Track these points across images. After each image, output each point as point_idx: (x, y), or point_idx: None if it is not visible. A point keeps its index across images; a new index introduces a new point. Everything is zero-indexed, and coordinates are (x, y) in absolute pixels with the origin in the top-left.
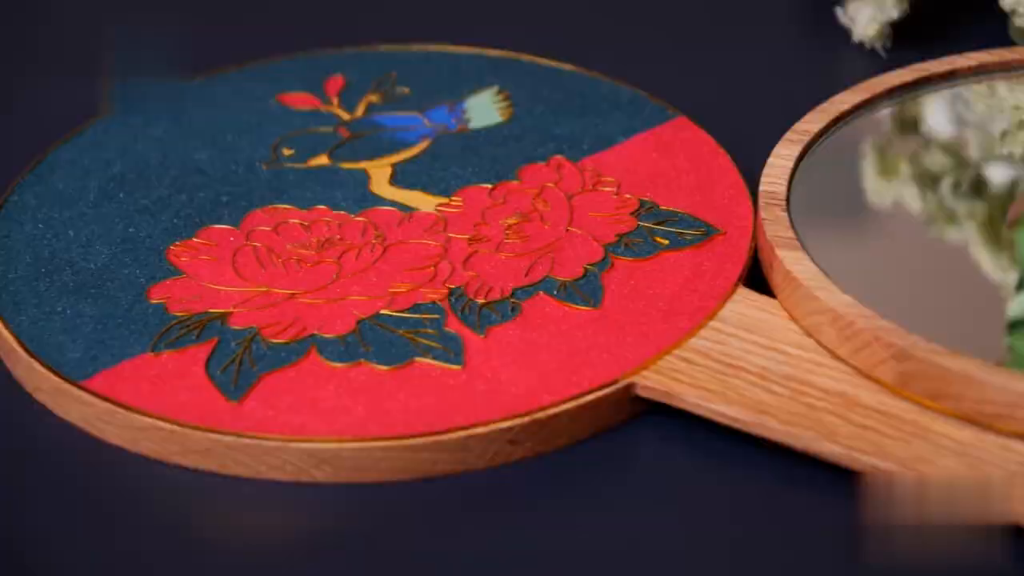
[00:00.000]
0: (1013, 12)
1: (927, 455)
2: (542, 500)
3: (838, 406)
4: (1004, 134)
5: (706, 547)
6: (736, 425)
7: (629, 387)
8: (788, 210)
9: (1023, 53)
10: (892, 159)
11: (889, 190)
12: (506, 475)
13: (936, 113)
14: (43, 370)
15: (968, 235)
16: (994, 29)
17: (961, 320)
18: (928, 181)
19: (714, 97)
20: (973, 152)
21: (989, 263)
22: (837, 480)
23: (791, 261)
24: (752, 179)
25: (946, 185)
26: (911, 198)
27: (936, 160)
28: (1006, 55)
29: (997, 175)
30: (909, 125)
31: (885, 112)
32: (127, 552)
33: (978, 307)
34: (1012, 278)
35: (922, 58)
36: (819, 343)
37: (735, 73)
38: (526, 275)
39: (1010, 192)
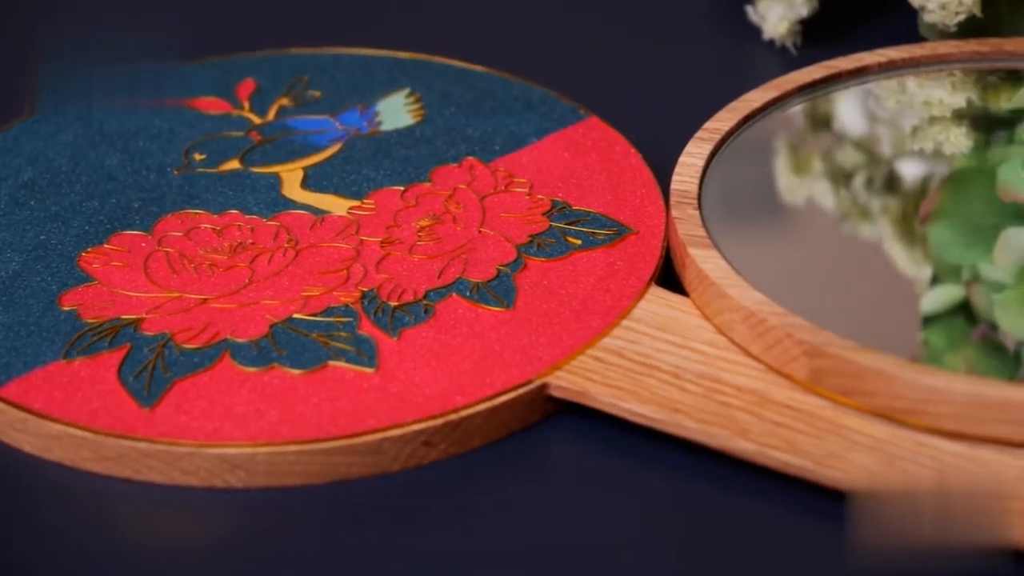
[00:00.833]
0: (922, 8)
1: (840, 451)
2: (457, 501)
3: (751, 403)
4: (915, 130)
5: (620, 546)
6: (649, 424)
7: (542, 387)
8: (700, 208)
9: (932, 49)
10: (804, 156)
11: (801, 187)
12: (421, 477)
13: (847, 110)
14: None
15: (881, 231)
16: (904, 25)
17: (876, 316)
18: (840, 178)
19: (626, 97)
20: (885, 148)
21: (903, 259)
22: (751, 478)
23: (703, 259)
24: (664, 178)
25: (859, 181)
26: (824, 195)
27: (848, 157)
28: (915, 51)
29: (909, 171)
30: (821, 122)
31: (796, 109)
32: (41, 559)
33: (893, 303)
34: (926, 273)
35: (832, 55)
36: (732, 341)
37: (647, 72)
38: (439, 277)
39: (922, 187)
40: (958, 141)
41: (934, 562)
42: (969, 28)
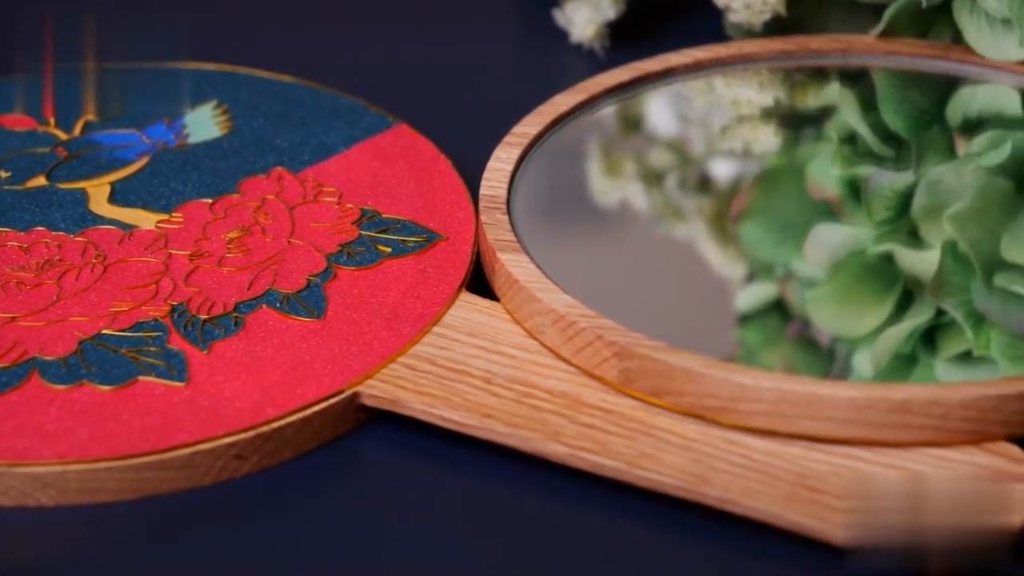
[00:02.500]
0: (727, 8)
1: (652, 452)
2: (270, 513)
3: (563, 406)
4: (724, 129)
5: (436, 552)
6: (462, 430)
7: (354, 396)
8: (509, 213)
9: (738, 48)
10: (615, 158)
11: (614, 189)
12: (234, 490)
13: (657, 111)
14: None
15: (695, 231)
16: (710, 25)
17: (692, 316)
18: (652, 179)
19: (435, 103)
20: (695, 148)
21: (717, 258)
22: (564, 480)
23: (512, 264)
24: (474, 184)
25: (670, 182)
26: (636, 197)
27: (659, 158)
28: (721, 51)
29: (720, 170)
30: (631, 124)
31: (606, 112)
32: None
33: (708, 302)
34: (740, 272)
35: (640, 57)
36: (543, 344)
37: (455, 78)
38: (248, 289)
39: (733, 186)
40: (767, 139)
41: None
42: (775, 27)
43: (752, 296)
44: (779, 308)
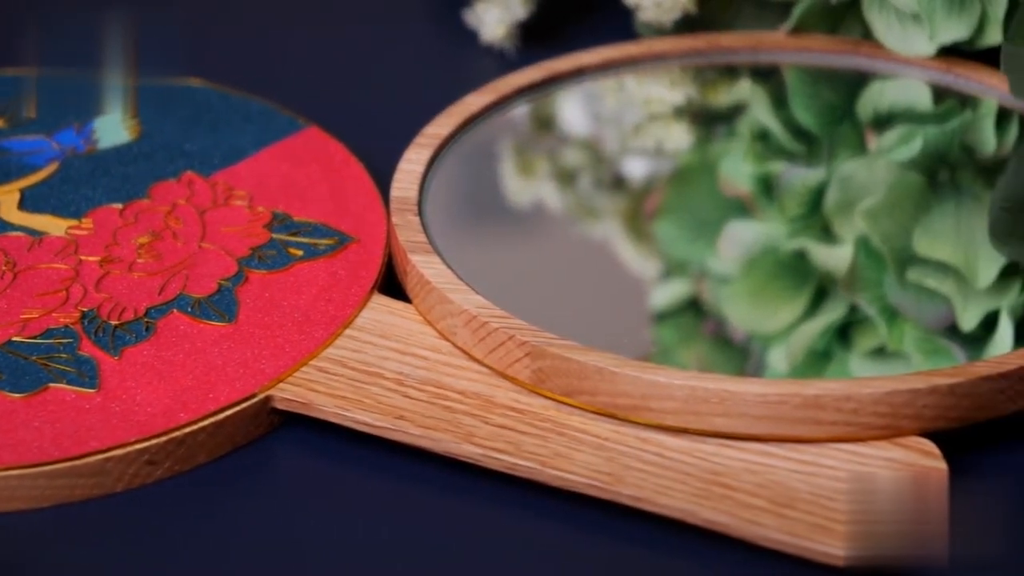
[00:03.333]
0: (637, 7)
1: (565, 451)
2: (184, 519)
3: (476, 407)
4: (636, 128)
5: (351, 552)
6: (375, 432)
7: (267, 400)
8: (421, 214)
9: (649, 47)
10: (528, 158)
11: (526, 189)
12: (147, 496)
13: (569, 110)
14: None
15: (609, 230)
16: (621, 24)
17: (607, 315)
18: (565, 178)
19: (346, 105)
20: (608, 147)
21: (632, 256)
22: (478, 481)
23: (423, 265)
24: (385, 186)
25: (584, 181)
26: (549, 196)
27: (572, 157)
28: (631, 49)
29: (633, 169)
30: (543, 123)
31: (517, 112)
32: None
33: (624, 301)
34: (655, 270)
35: (551, 56)
36: (455, 346)
37: (366, 79)
38: (159, 294)
39: (647, 185)
40: (679, 137)
41: None
42: (685, 25)
43: (667, 294)
44: (694, 306)
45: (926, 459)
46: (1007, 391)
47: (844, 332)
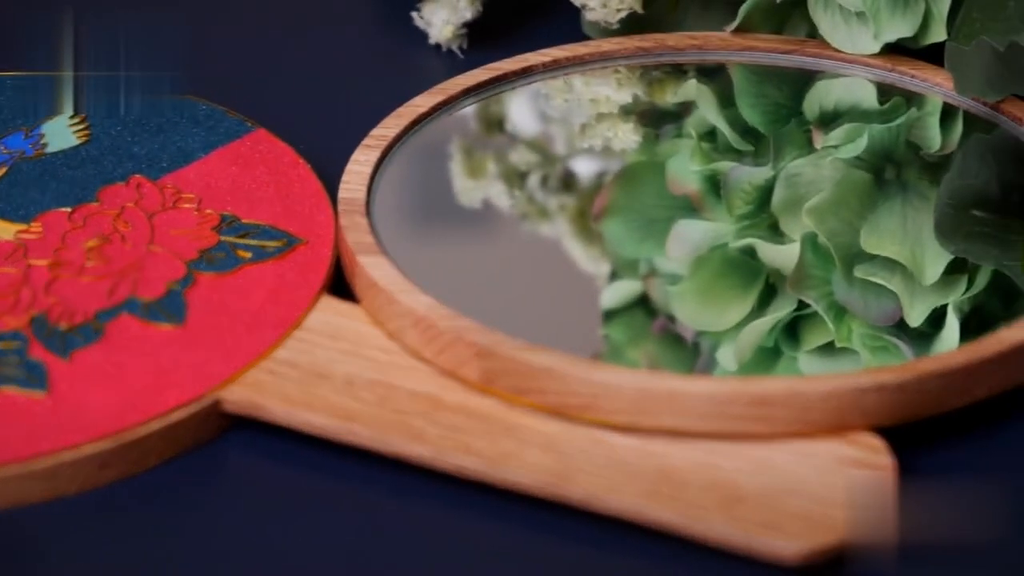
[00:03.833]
0: (584, 7)
1: (514, 451)
2: (135, 521)
3: (425, 408)
4: (584, 127)
5: (301, 554)
6: (324, 434)
7: (216, 403)
8: (369, 216)
9: (596, 47)
10: (477, 159)
11: (476, 190)
12: (98, 499)
13: (517, 111)
14: None
15: (559, 230)
16: (568, 25)
17: (557, 315)
18: (514, 179)
19: (294, 107)
20: (557, 147)
21: (581, 256)
22: (429, 482)
23: (372, 266)
24: (334, 187)
25: (533, 181)
26: (497, 196)
27: (520, 157)
28: (579, 50)
29: (582, 168)
30: (491, 124)
31: (466, 112)
32: None
33: (574, 300)
34: (605, 269)
35: (499, 57)
36: (404, 346)
37: (314, 82)
38: (109, 297)
39: (595, 184)
40: (626, 137)
41: None
42: (631, 24)
43: (616, 293)
44: (643, 304)
45: (874, 455)
46: (954, 387)
47: (792, 329)
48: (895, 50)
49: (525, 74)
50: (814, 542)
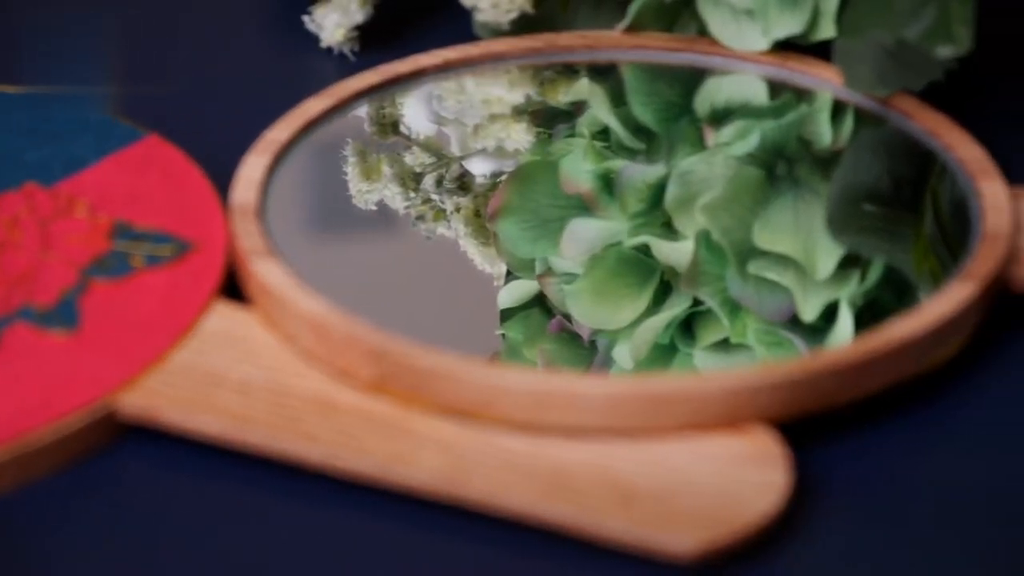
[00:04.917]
0: (475, 8)
1: (409, 453)
2: (28, 532)
3: (319, 411)
4: (478, 128)
5: (195, 561)
6: (219, 439)
7: (110, 410)
8: (262, 220)
9: (487, 47)
10: (371, 161)
11: (368, 192)
12: None
13: (410, 113)
14: None
15: (455, 230)
16: (459, 26)
17: (455, 315)
18: (409, 180)
19: (185, 112)
20: (451, 148)
21: (478, 257)
22: (323, 485)
23: (264, 270)
24: (227, 192)
25: (428, 183)
26: (391, 198)
27: (413, 159)
28: (470, 50)
29: (476, 169)
30: (384, 127)
31: (359, 115)
32: None
33: (471, 301)
34: (500, 269)
35: (391, 59)
36: (299, 350)
37: (205, 86)
38: (3, 305)
39: (490, 185)
40: (519, 137)
41: None
42: (523, 25)
43: (512, 293)
44: (540, 304)
45: (769, 450)
46: (847, 382)
47: (688, 326)
48: (784, 47)
49: (416, 76)
50: (708, 539)
